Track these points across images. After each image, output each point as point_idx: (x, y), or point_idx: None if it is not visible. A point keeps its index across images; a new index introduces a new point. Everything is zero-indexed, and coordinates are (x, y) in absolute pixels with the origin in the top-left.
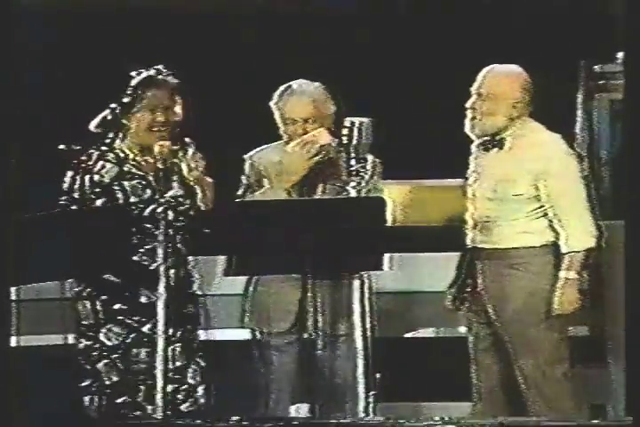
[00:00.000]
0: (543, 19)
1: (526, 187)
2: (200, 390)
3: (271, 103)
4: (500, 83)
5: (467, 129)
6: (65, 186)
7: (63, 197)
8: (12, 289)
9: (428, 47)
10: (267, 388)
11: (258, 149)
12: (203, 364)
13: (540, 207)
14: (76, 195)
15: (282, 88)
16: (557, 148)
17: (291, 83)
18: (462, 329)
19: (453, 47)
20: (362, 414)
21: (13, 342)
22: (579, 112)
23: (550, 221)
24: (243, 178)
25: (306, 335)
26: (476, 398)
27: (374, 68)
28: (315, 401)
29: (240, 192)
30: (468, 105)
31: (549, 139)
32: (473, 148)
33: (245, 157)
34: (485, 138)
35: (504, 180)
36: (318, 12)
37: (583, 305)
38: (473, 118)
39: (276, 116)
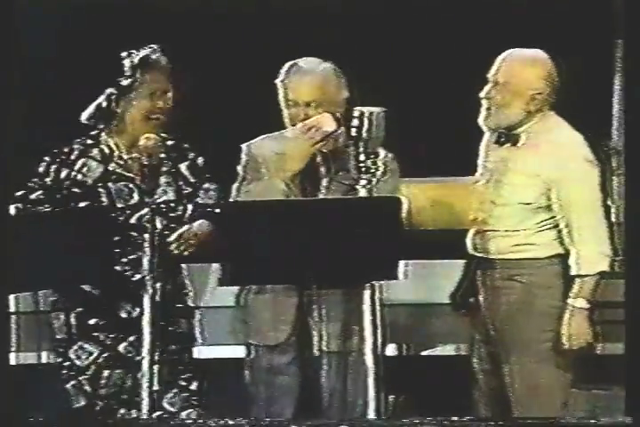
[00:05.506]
0: None
1: (536, 195)
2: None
3: (277, 81)
4: (517, 70)
5: (480, 120)
6: (39, 169)
7: (33, 180)
8: None
9: (450, 29)
10: (264, 413)
11: (258, 138)
12: (192, 387)
13: (551, 218)
14: (48, 180)
15: (288, 64)
16: (576, 151)
17: (298, 60)
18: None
19: (477, 30)
20: None
21: None
22: (614, 102)
23: (560, 231)
24: (239, 169)
25: (308, 352)
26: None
27: (389, 52)
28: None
29: (236, 185)
30: (482, 94)
31: (568, 140)
32: (485, 140)
33: (243, 145)
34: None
35: (512, 183)
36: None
37: (596, 337)
38: (488, 109)
39: (280, 96)
